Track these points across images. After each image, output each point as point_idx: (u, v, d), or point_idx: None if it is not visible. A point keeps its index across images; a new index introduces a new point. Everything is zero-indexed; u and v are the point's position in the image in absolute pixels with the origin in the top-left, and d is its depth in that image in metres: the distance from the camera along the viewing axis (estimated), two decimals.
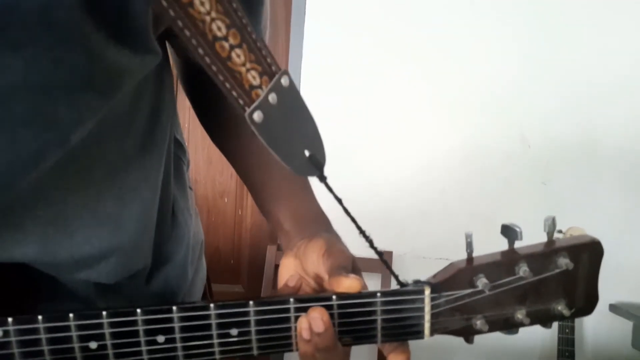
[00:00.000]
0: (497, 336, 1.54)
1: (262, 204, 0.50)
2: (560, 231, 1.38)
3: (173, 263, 0.54)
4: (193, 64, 0.51)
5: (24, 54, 0.25)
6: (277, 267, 1.39)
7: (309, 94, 1.47)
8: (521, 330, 1.54)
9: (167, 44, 0.48)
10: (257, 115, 0.29)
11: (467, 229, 0.40)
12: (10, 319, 0.34)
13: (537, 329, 1.45)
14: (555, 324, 1.38)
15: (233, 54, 0.27)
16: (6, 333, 0.34)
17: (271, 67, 0.29)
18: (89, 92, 0.29)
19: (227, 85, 0.28)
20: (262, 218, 0.57)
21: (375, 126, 1.46)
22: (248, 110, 0.29)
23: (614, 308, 1.46)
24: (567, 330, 1.36)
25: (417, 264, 1.46)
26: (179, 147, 0.55)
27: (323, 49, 1.43)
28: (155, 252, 0.48)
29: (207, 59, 0.27)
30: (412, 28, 1.47)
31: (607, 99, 1.45)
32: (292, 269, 0.41)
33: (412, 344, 1.50)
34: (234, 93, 0.28)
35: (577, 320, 1.40)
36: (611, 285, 1.42)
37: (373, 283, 1.43)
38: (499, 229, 0.39)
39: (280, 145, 0.30)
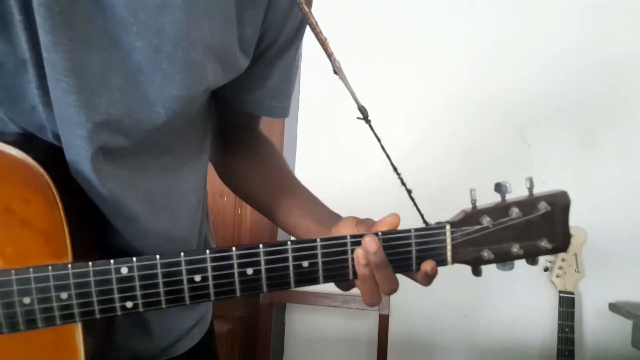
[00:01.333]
0: (497, 335, 1.63)
1: (289, 224, 0.63)
2: None
3: None
4: (232, 112, 0.64)
5: (214, 23, 0.45)
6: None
7: (308, 91, 1.55)
8: (521, 328, 1.66)
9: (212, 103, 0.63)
10: (337, 64, 0.47)
11: None
12: (134, 259, 0.44)
13: (536, 326, 1.54)
14: (554, 325, 1.42)
15: (321, 35, 0.47)
16: (130, 269, 0.44)
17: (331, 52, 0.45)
18: (221, 66, 0.48)
19: (324, 41, 0.48)
20: (262, 217, 0.69)
21: (374, 125, 1.52)
22: (334, 58, 0.48)
23: (614, 307, 1.48)
24: (566, 330, 1.39)
25: None
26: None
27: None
28: None
29: (318, 29, 0.49)
30: (410, 27, 1.53)
31: (608, 98, 1.49)
32: None
33: (413, 342, 1.62)
34: (328, 50, 0.46)
35: (576, 320, 1.43)
36: (611, 285, 1.50)
37: None
38: None
39: (349, 88, 0.47)
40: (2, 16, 0.40)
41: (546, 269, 1.49)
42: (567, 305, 1.41)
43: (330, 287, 1.78)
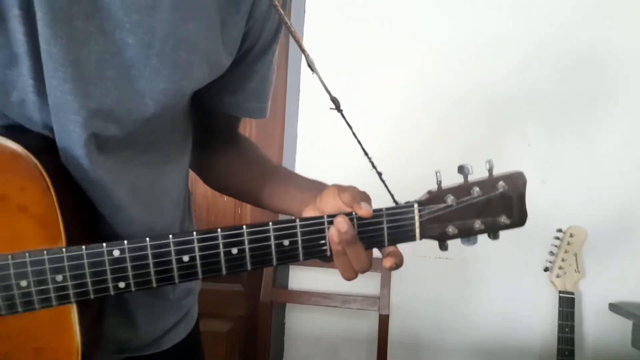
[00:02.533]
0: (497, 335, 1.63)
1: (274, 203, 0.66)
2: (560, 230, 1.47)
3: None
4: (214, 114, 0.67)
5: (199, 24, 0.49)
6: (276, 266, 1.48)
7: (309, 91, 1.57)
8: (521, 328, 1.67)
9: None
10: (309, 59, 0.52)
11: None
12: (125, 242, 0.47)
13: (536, 326, 1.57)
14: (554, 325, 1.43)
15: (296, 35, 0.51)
16: (122, 251, 0.47)
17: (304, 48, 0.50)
18: (206, 64, 0.51)
19: (298, 40, 0.53)
20: (262, 216, 0.72)
21: (374, 127, 1.50)
22: (307, 54, 0.52)
23: (614, 307, 1.48)
24: (566, 330, 1.39)
25: (417, 262, 1.50)
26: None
27: (323, 46, 1.51)
28: None
29: (292, 28, 0.52)
30: (411, 26, 1.54)
31: (608, 97, 1.50)
32: None
33: (413, 342, 1.67)
34: (301, 47, 0.51)
35: (577, 319, 1.43)
36: (611, 285, 1.51)
37: (373, 282, 1.50)
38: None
39: (322, 81, 0.52)
40: None
41: (546, 269, 1.50)
42: (567, 305, 1.41)
43: (331, 287, 1.78)
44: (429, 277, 1.57)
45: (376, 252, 0.54)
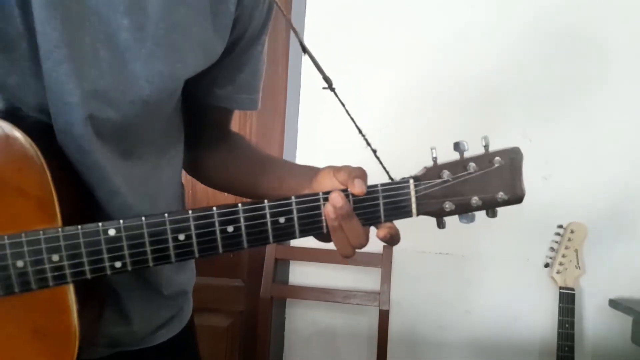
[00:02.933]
0: (497, 331, 1.63)
1: (271, 194, 0.65)
2: (560, 226, 1.46)
3: (188, 271, 0.70)
4: (206, 109, 0.67)
5: (191, 9, 0.50)
6: (277, 260, 1.51)
7: (309, 87, 1.57)
8: (521, 325, 1.66)
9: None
10: (299, 37, 0.53)
11: (465, 225, 0.55)
12: (121, 221, 0.47)
13: (536, 322, 1.57)
14: (554, 320, 1.43)
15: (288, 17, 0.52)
16: (118, 230, 0.47)
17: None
18: (200, 50, 0.53)
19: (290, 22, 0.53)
20: None
21: (374, 126, 1.43)
22: (297, 31, 0.52)
23: (614, 303, 1.49)
24: (566, 325, 1.39)
25: (417, 257, 1.53)
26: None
27: (324, 46, 1.51)
28: None
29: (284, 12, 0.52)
30: (411, 24, 1.54)
31: (610, 94, 1.50)
32: None
33: (413, 338, 1.67)
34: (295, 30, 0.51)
35: (576, 315, 1.43)
36: (611, 281, 1.51)
37: (373, 278, 1.50)
38: (499, 225, 0.53)
39: (315, 62, 0.53)
40: None
41: (547, 265, 1.50)
42: (568, 301, 1.42)
43: (331, 283, 1.78)
44: (429, 273, 1.57)
45: (376, 248, 0.53)
